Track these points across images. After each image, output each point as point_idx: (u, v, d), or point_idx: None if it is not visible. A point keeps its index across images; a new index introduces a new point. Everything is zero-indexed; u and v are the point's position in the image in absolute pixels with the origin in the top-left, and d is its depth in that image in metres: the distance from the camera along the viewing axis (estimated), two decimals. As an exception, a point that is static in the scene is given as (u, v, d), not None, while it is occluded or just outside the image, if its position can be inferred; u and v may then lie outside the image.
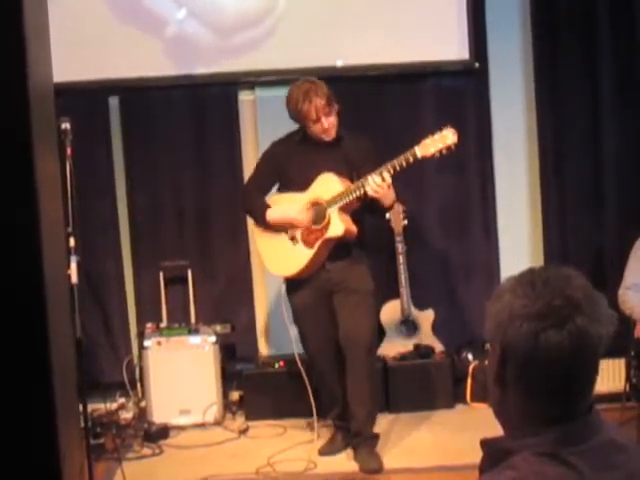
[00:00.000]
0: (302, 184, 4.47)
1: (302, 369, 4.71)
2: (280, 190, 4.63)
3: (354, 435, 4.56)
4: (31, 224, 2.30)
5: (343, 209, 4.40)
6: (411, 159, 4.25)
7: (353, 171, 4.46)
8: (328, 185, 4.42)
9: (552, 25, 5.53)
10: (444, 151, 4.28)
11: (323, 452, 4.64)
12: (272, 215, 4.50)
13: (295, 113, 4.40)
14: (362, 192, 4.29)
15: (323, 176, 4.44)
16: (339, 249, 4.47)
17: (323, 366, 4.62)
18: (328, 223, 4.41)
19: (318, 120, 4.36)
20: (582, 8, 5.50)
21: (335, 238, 4.42)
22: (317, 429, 4.78)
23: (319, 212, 4.44)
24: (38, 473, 2.36)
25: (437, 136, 4.28)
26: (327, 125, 4.38)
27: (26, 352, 2.35)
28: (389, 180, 4.25)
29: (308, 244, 4.47)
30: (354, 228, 4.45)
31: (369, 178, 4.25)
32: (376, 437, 4.60)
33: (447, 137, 4.26)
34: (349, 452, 4.61)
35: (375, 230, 5.03)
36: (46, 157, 2.49)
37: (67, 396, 2.58)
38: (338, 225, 4.39)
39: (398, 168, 4.25)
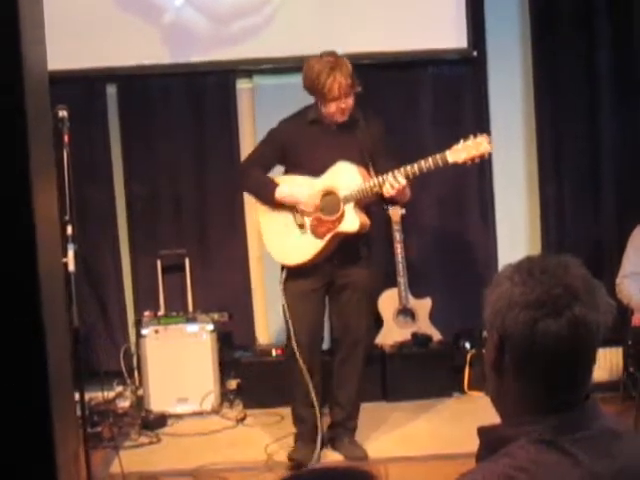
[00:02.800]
0: (312, 168, 4.20)
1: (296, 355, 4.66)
2: (286, 173, 4.36)
3: (336, 425, 4.49)
4: (25, 213, 2.29)
5: (359, 203, 4.17)
6: (440, 163, 4.00)
7: (366, 157, 4.21)
8: (346, 175, 4.15)
9: (550, 14, 5.51)
10: (476, 159, 4.02)
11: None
12: (281, 193, 4.21)
13: (314, 86, 4.11)
14: (380, 188, 4.07)
15: (340, 165, 4.17)
16: (348, 249, 4.25)
17: (311, 358, 4.32)
18: (342, 216, 4.15)
19: (337, 98, 4.09)
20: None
21: (349, 233, 4.18)
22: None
23: (332, 202, 4.17)
24: (32, 461, 2.36)
25: (470, 142, 3.99)
26: (344, 106, 4.13)
27: (21, 341, 2.34)
28: (404, 183, 4.02)
29: (318, 235, 4.20)
30: (368, 221, 4.23)
31: (390, 176, 4.02)
32: (355, 428, 4.50)
33: (481, 145, 3.98)
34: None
35: (373, 219, 5.02)
36: (41, 144, 2.48)
37: (62, 385, 2.58)
38: (354, 220, 4.15)
39: (425, 170, 4.03)
